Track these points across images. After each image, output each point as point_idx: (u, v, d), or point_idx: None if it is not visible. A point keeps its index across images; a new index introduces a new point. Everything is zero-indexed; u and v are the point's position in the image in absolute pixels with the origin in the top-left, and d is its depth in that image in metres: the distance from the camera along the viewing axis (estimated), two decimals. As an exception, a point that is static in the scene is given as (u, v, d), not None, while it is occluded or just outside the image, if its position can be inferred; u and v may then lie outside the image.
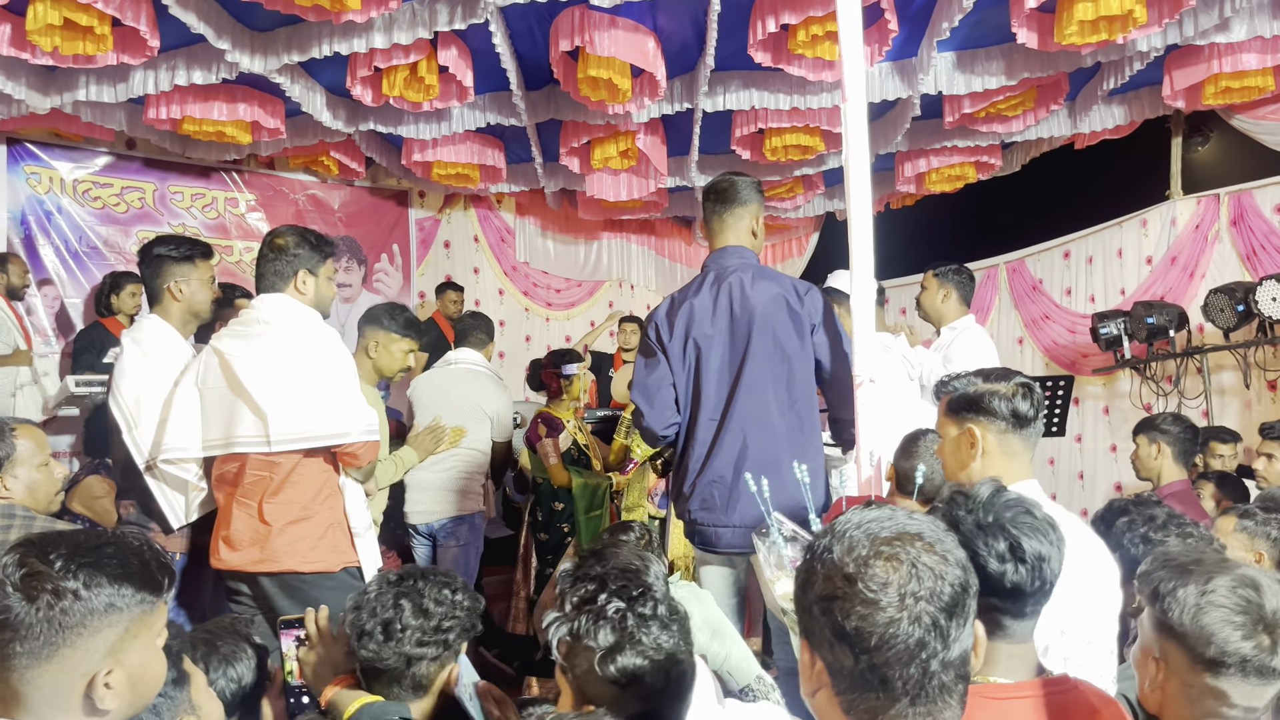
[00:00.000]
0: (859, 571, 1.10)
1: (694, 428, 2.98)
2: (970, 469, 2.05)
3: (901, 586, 1.09)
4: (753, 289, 2.94)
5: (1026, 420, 2.02)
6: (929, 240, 7.81)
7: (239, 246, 7.13)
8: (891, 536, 1.12)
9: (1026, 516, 1.55)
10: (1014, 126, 6.04)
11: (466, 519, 4.52)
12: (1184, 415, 3.93)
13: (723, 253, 3.06)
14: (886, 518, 1.15)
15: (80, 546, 1.31)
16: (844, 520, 1.16)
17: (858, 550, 1.12)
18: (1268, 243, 5.90)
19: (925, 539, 1.13)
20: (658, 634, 1.60)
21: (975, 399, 2.04)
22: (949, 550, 1.13)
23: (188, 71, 5.01)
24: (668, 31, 5.05)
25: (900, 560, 1.10)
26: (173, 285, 3.14)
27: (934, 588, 1.09)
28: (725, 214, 3.07)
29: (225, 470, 2.85)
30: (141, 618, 1.33)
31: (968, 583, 1.13)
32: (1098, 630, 1.82)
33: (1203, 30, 4.80)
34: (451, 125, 6.00)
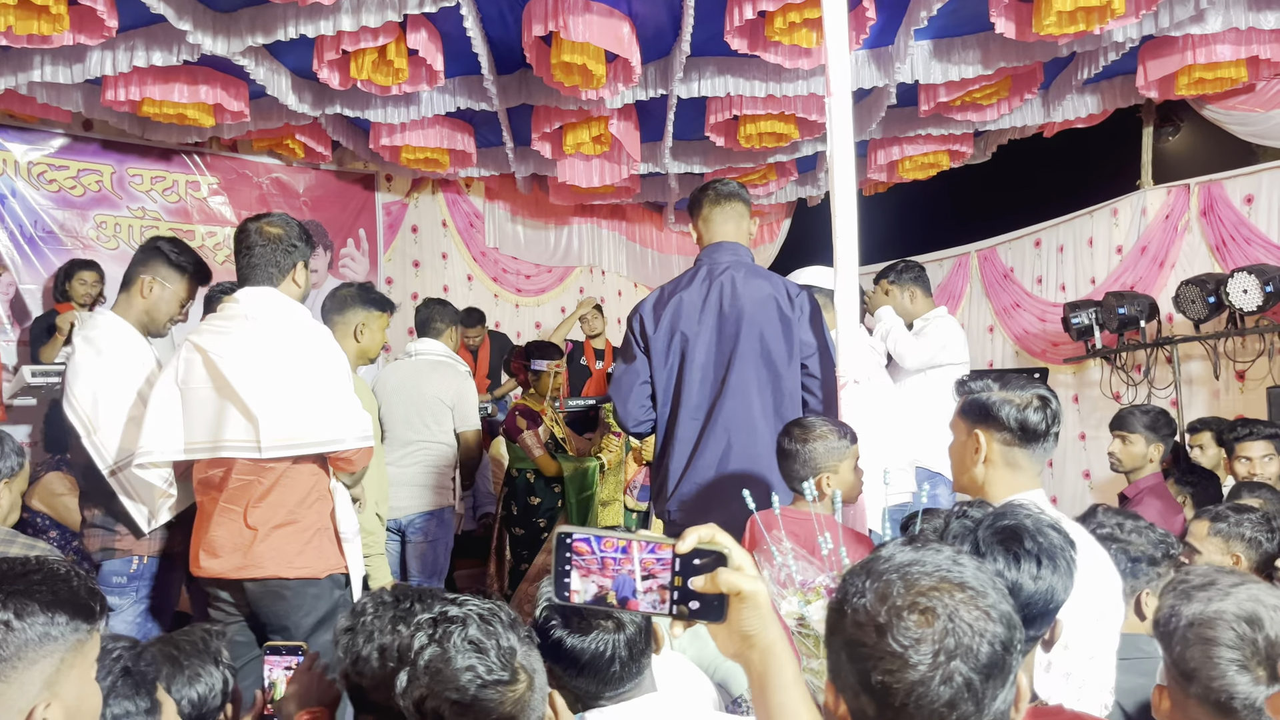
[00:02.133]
0: (890, 623, 1.03)
1: (674, 426, 2.93)
2: (973, 474, 2.01)
3: (935, 643, 1.01)
4: (744, 287, 2.88)
5: (1036, 434, 1.96)
6: (901, 228, 7.80)
7: (201, 231, 6.95)
8: (930, 586, 1.04)
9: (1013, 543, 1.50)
10: (988, 115, 6.02)
11: (436, 514, 4.38)
12: (1167, 413, 3.94)
13: (718, 248, 2.99)
14: (928, 560, 1.07)
15: (6, 575, 1.23)
16: (884, 558, 1.09)
17: (892, 599, 1.04)
18: (1237, 233, 5.95)
19: (968, 589, 1.04)
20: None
21: (985, 406, 1.99)
22: (993, 604, 1.04)
23: (147, 52, 4.85)
24: (643, 16, 4.96)
25: (937, 614, 1.02)
26: (147, 279, 3.01)
27: (972, 646, 1.01)
28: (726, 208, 3.00)
29: (209, 475, 2.73)
30: (77, 647, 1.26)
31: (1011, 641, 1.04)
32: (1100, 644, 1.80)
33: (1178, 22, 4.80)
34: (420, 109, 5.88)
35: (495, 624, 1.41)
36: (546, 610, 1.76)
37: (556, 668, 1.72)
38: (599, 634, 1.71)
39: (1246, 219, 5.93)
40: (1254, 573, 2.67)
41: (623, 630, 1.73)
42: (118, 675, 1.55)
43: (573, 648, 1.70)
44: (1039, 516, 1.62)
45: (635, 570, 1.05)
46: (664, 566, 1.06)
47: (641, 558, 1.06)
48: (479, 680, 1.34)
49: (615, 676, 1.73)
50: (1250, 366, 5.69)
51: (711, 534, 1.06)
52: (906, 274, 4.45)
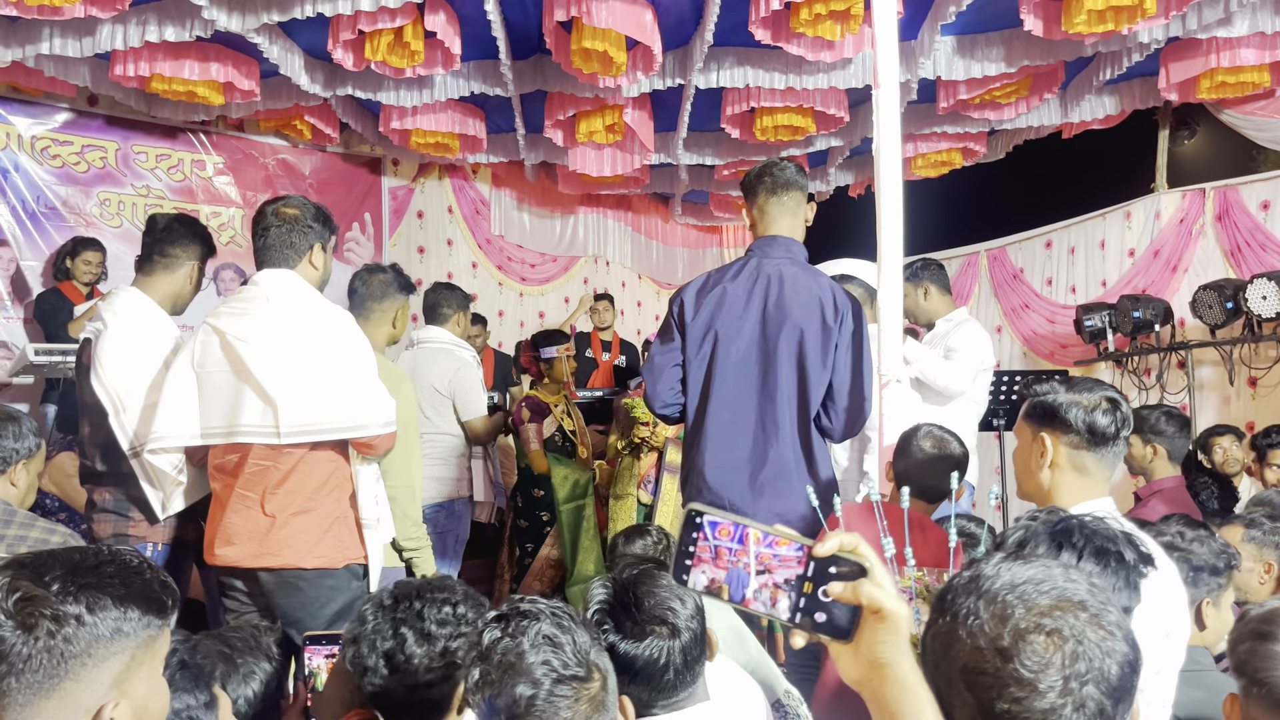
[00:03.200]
0: (1015, 646, 0.96)
1: (704, 420, 2.86)
2: (1038, 479, 1.95)
3: (1065, 668, 0.95)
4: (792, 288, 2.80)
5: (1105, 438, 1.90)
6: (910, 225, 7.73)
7: (205, 211, 6.84)
8: (1051, 605, 0.98)
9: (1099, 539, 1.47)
10: (1005, 114, 5.98)
11: (445, 505, 4.22)
12: (1175, 410, 3.88)
13: (771, 241, 2.89)
14: (1041, 578, 1.00)
15: (78, 566, 1.15)
16: (989, 577, 1.02)
17: (1013, 620, 0.97)
18: (1252, 239, 5.92)
19: (1089, 609, 0.99)
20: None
21: (1052, 408, 1.93)
22: (1116, 623, 0.99)
23: (160, 27, 4.75)
24: (665, 5, 4.89)
25: (1064, 636, 0.96)
26: (193, 268, 3.01)
27: (1102, 669, 0.95)
28: (783, 196, 2.89)
29: (224, 460, 2.65)
30: (148, 644, 1.18)
31: (1136, 660, 0.99)
32: (1167, 658, 1.75)
33: (1205, 24, 4.77)
34: (434, 93, 5.79)
35: (568, 620, 1.36)
36: (598, 614, 1.70)
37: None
38: (653, 640, 1.65)
39: (1262, 225, 5.91)
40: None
41: (678, 636, 1.67)
42: (175, 668, 1.49)
43: (626, 653, 1.64)
44: (1106, 523, 1.57)
45: (751, 565, 0.98)
46: (792, 566, 0.97)
47: (759, 551, 0.97)
48: (554, 674, 1.30)
49: (669, 684, 1.68)
50: (1265, 374, 5.66)
51: (855, 543, 0.98)
52: (924, 272, 4.32)
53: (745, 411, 2.80)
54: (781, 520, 2.72)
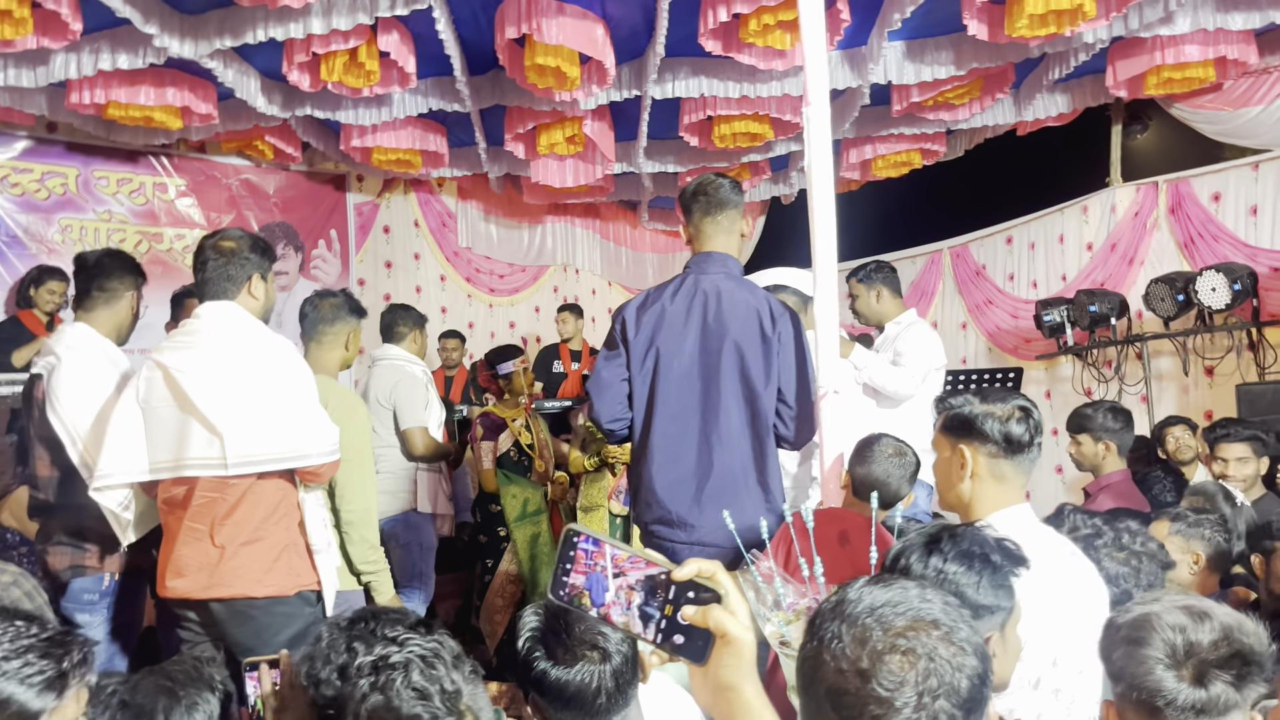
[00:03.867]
0: (873, 667, 1.02)
1: (650, 435, 2.91)
2: (959, 490, 2.02)
3: (919, 684, 1.01)
4: (729, 302, 2.86)
5: (1020, 445, 1.97)
6: (874, 225, 7.83)
7: (169, 234, 6.85)
8: (905, 626, 1.05)
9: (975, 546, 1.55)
10: (960, 114, 6.06)
11: (398, 519, 4.22)
12: (1120, 406, 3.96)
13: (707, 258, 2.96)
14: (898, 600, 1.07)
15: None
16: (852, 601, 1.08)
17: (871, 642, 1.04)
18: (1205, 231, 6.02)
19: (941, 626, 1.05)
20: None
21: (968, 420, 1.99)
22: (966, 639, 1.06)
23: (112, 55, 4.78)
24: (616, 18, 4.94)
25: (917, 654, 1.03)
26: (132, 297, 3.08)
27: (953, 683, 1.02)
28: (718, 215, 2.95)
29: (173, 494, 2.68)
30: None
31: (985, 673, 1.06)
32: (1090, 658, 1.81)
33: (1147, 23, 4.85)
34: (392, 110, 5.82)
35: (438, 665, 1.40)
36: (529, 642, 1.73)
37: (542, 701, 1.69)
38: (584, 665, 1.67)
39: (1214, 216, 6.00)
40: (1209, 572, 2.72)
41: (608, 661, 1.70)
42: (115, 709, 1.53)
43: (557, 680, 1.67)
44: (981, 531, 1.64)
45: (620, 585, 1.02)
46: (652, 588, 1.01)
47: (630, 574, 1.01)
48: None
49: (602, 709, 1.69)
50: (1219, 363, 5.76)
51: (714, 570, 1.02)
52: (877, 274, 4.39)
53: (690, 425, 2.85)
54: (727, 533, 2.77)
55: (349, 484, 3.03)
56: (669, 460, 2.86)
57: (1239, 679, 1.39)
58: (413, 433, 4.19)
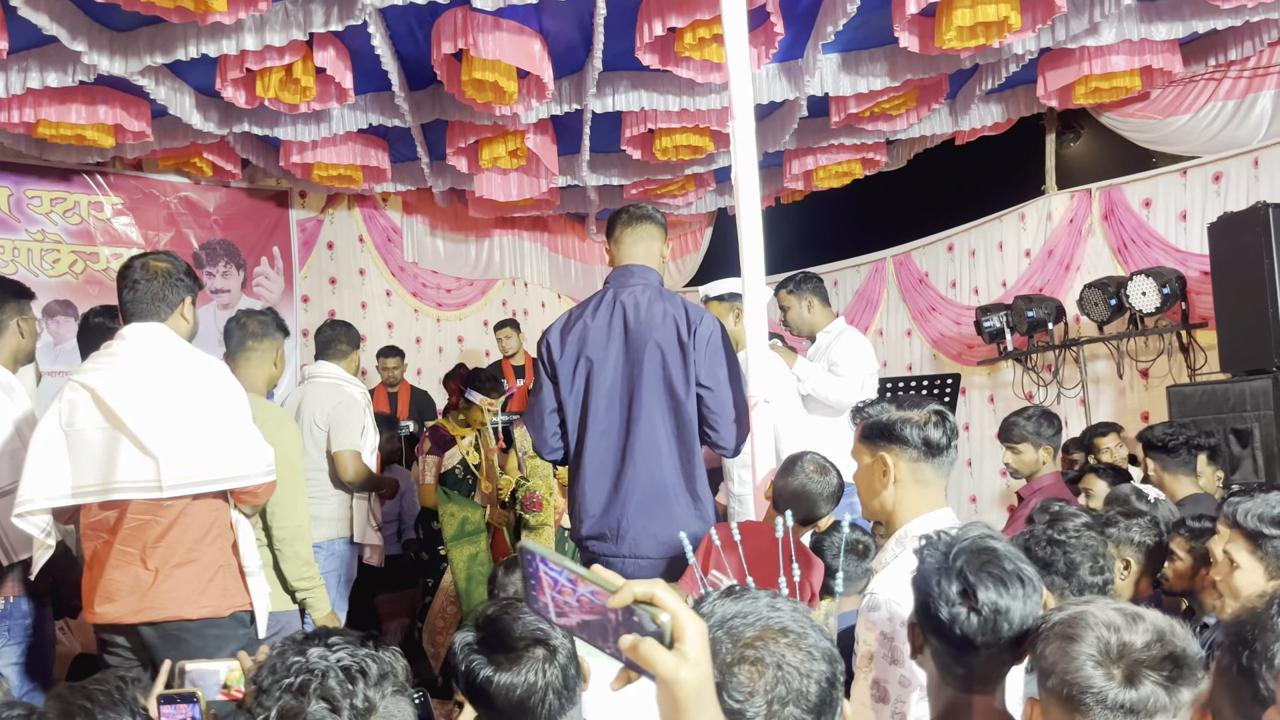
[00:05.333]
0: (724, 680, 1.06)
1: (583, 451, 2.92)
2: (882, 497, 2.05)
3: (768, 692, 1.05)
4: (648, 311, 2.88)
5: (939, 449, 2.01)
6: (818, 235, 7.93)
7: (105, 254, 6.73)
8: (754, 636, 1.08)
9: (995, 567, 1.53)
10: (898, 125, 6.15)
11: (324, 545, 4.03)
12: (1049, 410, 4.04)
13: (626, 270, 2.99)
14: (749, 611, 1.11)
15: None
16: (705, 615, 1.11)
17: (721, 655, 1.07)
18: (1137, 236, 6.16)
19: (790, 634, 1.09)
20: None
21: (887, 426, 2.03)
22: (815, 644, 1.10)
23: (41, 73, 4.69)
24: (553, 33, 4.95)
25: (765, 664, 1.06)
26: (19, 322, 3.07)
27: (801, 689, 1.06)
28: (638, 230, 3.00)
29: (101, 518, 2.63)
30: None
31: (834, 676, 1.10)
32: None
33: (1074, 35, 4.96)
34: (332, 126, 5.78)
35: (359, 680, 1.39)
36: (466, 653, 1.71)
37: (488, 712, 1.65)
38: (531, 663, 1.62)
39: (1145, 222, 6.15)
40: (1144, 576, 2.77)
41: (555, 656, 1.65)
42: None
43: (502, 684, 1.61)
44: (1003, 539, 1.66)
45: (574, 605, 0.98)
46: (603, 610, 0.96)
47: (579, 595, 0.96)
48: None
49: (553, 709, 1.64)
50: (1152, 364, 5.89)
51: (651, 592, 0.93)
52: (805, 284, 4.48)
53: (618, 439, 2.86)
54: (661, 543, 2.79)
55: (280, 501, 3.00)
56: (599, 475, 2.87)
57: (1170, 680, 1.40)
58: (344, 456, 4.01)
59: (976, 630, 1.49)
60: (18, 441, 2.96)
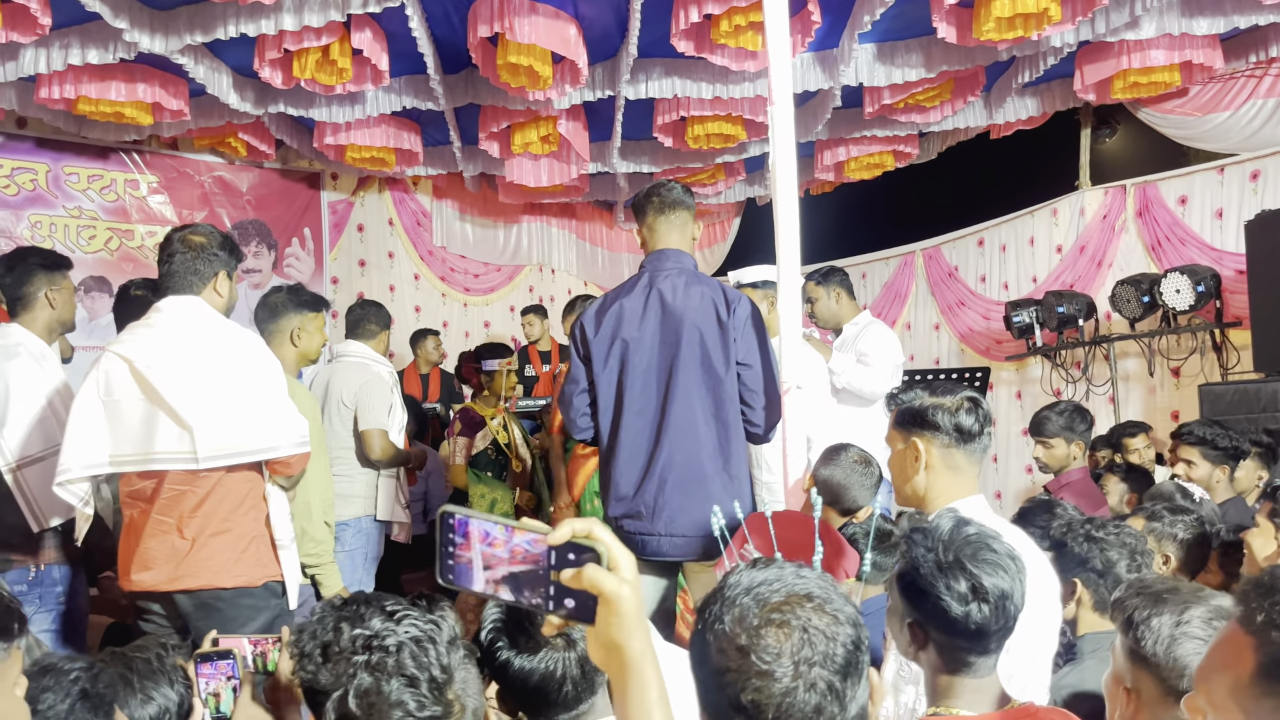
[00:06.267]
0: (751, 643, 1.08)
1: (618, 430, 2.94)
2: (914, 482, 2.05)
3: (795, 654, 1.07)
4: (684, 294, 2.91)
5: (971, 435, 2.01)
6: (848, 227, 7.90)
7: (140, 231, 6.80)
8: (780, 601, 1.10)
9: (988, 553, 1.54)
10: (931, 117, 6.11)
11: (350, 523, 4.09)
12: (1080, 405, 4.02)
13: (661, 255, 3.01)
14: (774, 578, 1.13)
15: None
16: (733, 584, 1.14)
17: (748, 619, 1.10)
18: (1171, 234, 6.10)
19: (815, 599, 1.11)
20: None
21: (920, 412, 2.04)
22: (839, 609, 1.12)
23: (82, 50, 4.74)
24: (589, 18, 4.95)
25: (791, 627, 1.08)
26: (49, 292, 3.11)
27: (827, 651, 1.08)
28: (670, 216, 3.02)
29: (139, 487, 2.68)
30: None
31: (860, 639, 1.12)
32: (1040, 645, 1.85)
33: (1113, 28, 4.91)
34: (366, 108, 5.81)
35: (430, 650, 1.40)
36: (493, 632, 1.73)
37: (506, 692, 1.68)
38: (549, 652, 1.64)
39: (1180, 219, 6.09)
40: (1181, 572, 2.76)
41: (573, 648, 1.66)
42: (76, 698, 1.53)
43: (521, 669, 1.64)
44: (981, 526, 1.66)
45: (504, 558, 1.00)
46: (536, 559, 0.99)
47: (512, 546, 1.00)
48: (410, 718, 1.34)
49: (568, 698, 1.66)
50: (1184, 363, 5.84)
51: (589, 528, 0.99)
52: (833, 277, 4.53)
53: (654, 418, 2.89)
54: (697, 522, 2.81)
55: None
56: (635, 454, 2.89)
57: None
58: (371, 434, 4.06)
59: (990, 619, 1.52)
60: (48, 411, 3.02)
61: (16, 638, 1.26)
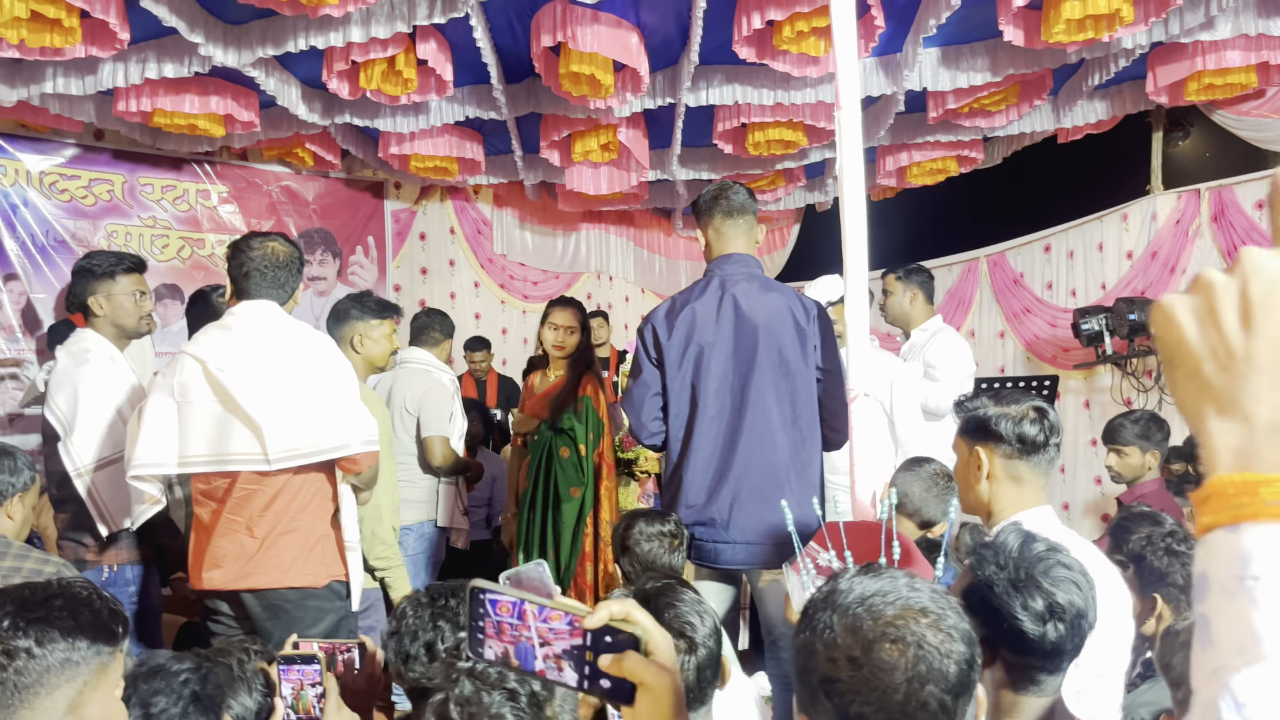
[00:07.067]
0: (864, 656, 1.06)
1: (691, 436, 2.92)
2: (978, 491, 2.02)
3: (908, 670, 1.05)
4: (759, 299, 2.90)
5: (1035, 445, 1.97)
6: (910, 233, 7.79)
7: (211, 239, 6.98)
8: (895, 615, 1.08)
9: (1061, 569, 1.51)
10: (997, 121, 6.01)
11: (413, 529, 4.16)
12: (1158, 415, 3.91)
13: (728, 259, 3.00)
14: (889, 590, 1.10)
15: (27, 602, 1.24)
16: (844, 592, 1.12)
17: (862, 631, 1.07)
18: (1248, 239, 5.92)
19: (930, 614, 1.09)
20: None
21: (983, 421, 2.00)
22: (954, 625, 1.09)
23: (159, 64, 4.88)
24: (651, 26, 4.97)
25: (906, 642, 1.06)
26: (91, 301, 3.18)
27: (941, 669, 1.06)
28: (738, 219, 3.01)
29: (211, 486, 2.74)
30: (100, 670, 1.26)
31: (973, 657, 1.10)
32: (1110, 661, 1.80)
33: (1188, 29, 4.79)
34: (430, 118, 5.89)
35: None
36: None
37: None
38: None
39: (1258, 224, 5.90)
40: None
41: (694, 652, 1.67)
42: (188, 700, 1.57)
43: None
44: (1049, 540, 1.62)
45: (533, 639, 0.99)
46: (567, 638, 0.98)
47: (538, 626, 0.98)
48: None
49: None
50: (1261, 373, 5.65)
51: (626, 611, 1.00)
52: (915, 275, 4.43)
53: (729, 423, 2.87)
54: (770, 529, 2.79)
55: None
56: (708, 461, 2.87)
57: None
58: (433, 441, 4.13)
59: (1065, 638, 1.49)
60: (117, 415, 3.10)
61: (121, 640, 1.29)
